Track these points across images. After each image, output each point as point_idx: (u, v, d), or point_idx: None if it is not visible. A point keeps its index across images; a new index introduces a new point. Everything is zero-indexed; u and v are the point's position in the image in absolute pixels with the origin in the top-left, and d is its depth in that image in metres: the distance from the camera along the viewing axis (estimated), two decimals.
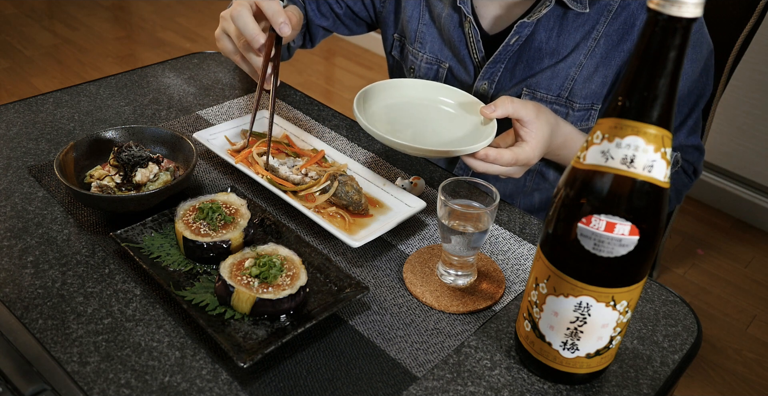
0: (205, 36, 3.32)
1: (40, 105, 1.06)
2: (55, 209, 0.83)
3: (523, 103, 0.80)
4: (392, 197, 0.87)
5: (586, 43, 0.94)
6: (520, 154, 0.79)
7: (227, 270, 0.69)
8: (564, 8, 0.93)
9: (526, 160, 0.80)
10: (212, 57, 1.25)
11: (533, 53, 0.97)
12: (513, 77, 1.00)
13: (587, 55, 0.94)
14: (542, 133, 0.80)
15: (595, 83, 0.96)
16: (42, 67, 2.92)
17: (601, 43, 0.93)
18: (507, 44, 0.96)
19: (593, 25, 0.93)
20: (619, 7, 0.92)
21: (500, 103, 0.80)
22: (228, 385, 0.63)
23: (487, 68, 1.00)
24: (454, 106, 0.91)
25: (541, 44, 0.96)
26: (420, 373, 0.66)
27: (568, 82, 0.96)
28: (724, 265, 2.06)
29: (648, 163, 0.51)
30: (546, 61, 0.97)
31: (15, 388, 0.58)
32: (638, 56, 0.49)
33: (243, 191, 0.86)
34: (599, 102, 0.97)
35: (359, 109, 0.84)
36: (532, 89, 0.98)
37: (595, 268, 0.55)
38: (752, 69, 1.97)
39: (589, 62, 0.95)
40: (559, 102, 0.98)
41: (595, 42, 0.94)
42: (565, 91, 0.97)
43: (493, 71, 1.00)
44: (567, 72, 0.96)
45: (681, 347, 0.71)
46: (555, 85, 0.97)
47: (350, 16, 1.15)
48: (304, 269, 0.70)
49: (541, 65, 0.97)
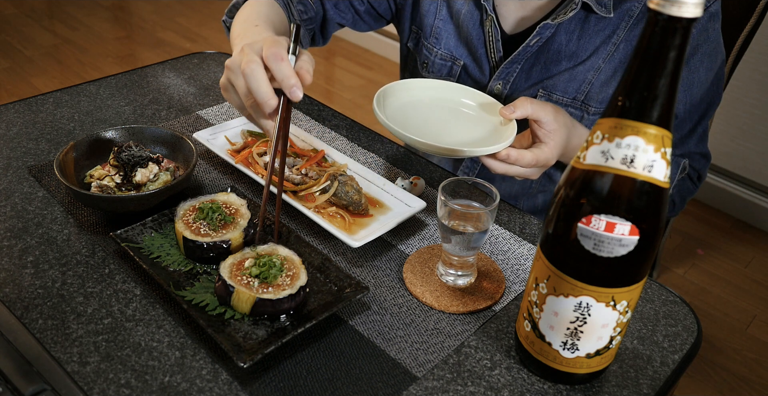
0: (205, 36, 3.32)
1: (40, 105, 1.06)
2: (55, 209, 0.83)
3: (542, 104, 0.80)
4: (392, 197, 0.87)
5: (606, 48, 0.93)
6: (540, 155, 0.79)
7: (227, 270, 0.69)
8: (587, 11, 0.92)
9: (545, 161, 0.80)
10: (212, 57, 1.25)
11: (552, 55, 0.96)
12: (529, 78, 0.99)
13: (606, 59, 0.94)
14: (560, 134, 0.80)
15: (612, 87, 0.95)
16: (42, 67, 2.92)
17: (620, 47, 0.93)
18: (527, 45, 0.95)
19: (614, 29, 0.92)
20: (641, 12, 0.91)
21: (519, 104, 0.80)
22: (228, 385, 0.63)
23: (504, 68, 0.99)
24: (472, 106, 0.90)
25: (561, 47, 0.95)
26: (420, 373, 0.66)
27: (585, 85, 0.96)
28: (724, 265, 2.06)
29: (648, 163, 0.51)
30: (564, 63, 0.96)
31: (15, 388, 0.58)
32: (638, 56, 0.49)
33: (243, 191, 0.86)
34: None
35: (379, 108, 0.83)
36: (548, 91, 0.98)
37: (595, 268, 0.55)
38: (752, 69, 1.97)
39: (607, 66, 0.94)
40: (574, 105, 0.97)
41: (614, 47, 0.93)
42: (581, 95, 0.96)
43: (509, 72, 0.99)
44: (585, 75, 0.95)
45: (681, 347, 0.71)
46: (572, 88, 0.96)
47: (371, 12, 1.13)
48: (304, 269, 0.70)
49: (559, 68, 0.96)
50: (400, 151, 1.02)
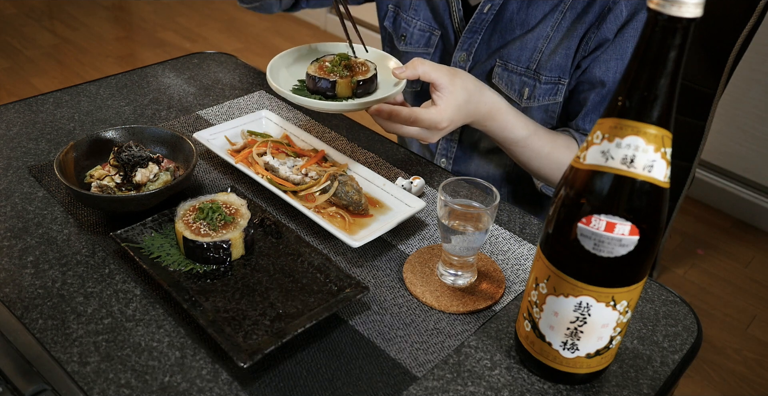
0: (205, 36, 3.32)
1: (40, 105, 1.06)
2: (55, 209, 0.83)
3: (436, 66, 0.81)
4: (392, 197, 0.87)
5: (553, 16, 0.96)
6: (421, 114, 0.80)
7: None
8: None
9: (429, 121, 0.80)
10: (212, 57, 1.25)
11: (505, 24, 0.99)
12: (489, 48, 1.02)
13: (554, 27, 0.96)
14: (454, 97, 0.81)
15: (560, 55, 0.97)
16: (42, 67, 2.92)
17: (567, 16, 0.95)
18: (480, 13, 0.98)
19: None
20: None
21: (411, 65, 0.81)
22: (228, 385, 0.63)
23: (465, 38, 1.02)
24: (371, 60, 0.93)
25: (513, 15, 0.98)
26: (420, 373, 0.66)
27: (536, 54, 0.98)
28: (724, 265, 2.06)
29: (648, 163, 0.51)
30: (517, 32, 0.99)
31: (15, 388, 0.58)
32: (638, 56, 0.49)
33: (243, 191, 0.86)
34: (566, 76, 0.99)
35: (272, 76, 0.86)
36: (504, 60, 1.00)
37: (595, 268, 0.56)
38: (752, 69, 1.97)
39: (555, 35, 0.96)
40: (528, 74, 0.99)
41: (561, 15, 0.96)
42: (533, 63, 0.99)
43: (471, 42, 1.02)
44: (535, 44, 0.98)
45: (681, 347, 0.71)
46: (524, 57, 0.99)
47: None
48: None
49: (513, 36, 0.99)
50: (400, 151, 1.02)
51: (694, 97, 1.18)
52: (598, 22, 0.93)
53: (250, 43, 3.29)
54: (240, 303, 0.70)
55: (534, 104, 1.00)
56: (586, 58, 0.96)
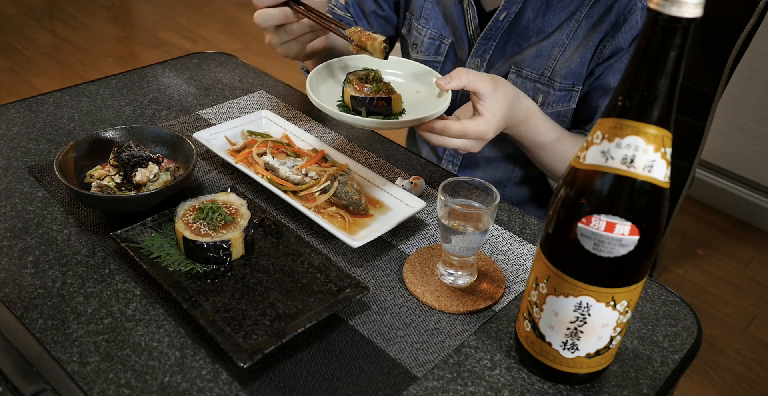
0: (205, 36, 3.33)
1: (40, 105, 1.06)
2: (55, 209, 0.83)
3: (480, 75, 0.79)
4: (392, 197, 0.87)
5: (569, 24, 0.96)
6: (471, 126, 0.78)
7: None
8: None
9: (477, 133, 0.79)
10: (212, 57, 1.25)
11: (521, 32, 0.99)
12: (503, 55, 1.02)
13: (570, 35, 0.97)
14: (499, 106, 0.80)
15: (574, 63, 0.97)
16: (42, 67, 2.92)
17: (583, 24, 0.96)
18: (496, 20, 0.98)
19: (577, 7, 0.96)
20: None
21: (455, 75, 0.79)
22: (228, 385, 0.63)
23: (479, 45, 1.02)
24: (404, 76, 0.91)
25: (528, 23, 0.98)
26: (420, 373, 0.66)
27: (551, 61, 0.98)
28: (724, 265, 2.06)
29: (648, 163, 0.51)
30: (532, 39, 0.99)
31: (15, 388, 0.58)
32: (638, 56, 0.49)
33: (243, 191, 0.86)
34: (579, 83, 0.99)
35: (312, 89, 0.83)
36: (518, 67, 1.00)
37: (595, 268, 0.55)
38: (752, 69, 1.97)
39: (570, 43, 0.97)
40: (542, 81, 1.00)
41: (577, 23, 0.96)
42: (548, 71, 0.99)
43: (485, 48, 1.02)
44: (550, 51, 0.98)
45: (681, 347, 0.71)
46: (539, 64, 0.99)
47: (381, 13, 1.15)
48: None
49: (528, 43, 0.99)
50: (400, 151, 1.02)
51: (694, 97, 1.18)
52: (613, 32, 0.94)
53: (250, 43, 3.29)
54: (240, 303, 0.70)
55: (547, 111, 1.01)
56: (600, 65, 0.97)
